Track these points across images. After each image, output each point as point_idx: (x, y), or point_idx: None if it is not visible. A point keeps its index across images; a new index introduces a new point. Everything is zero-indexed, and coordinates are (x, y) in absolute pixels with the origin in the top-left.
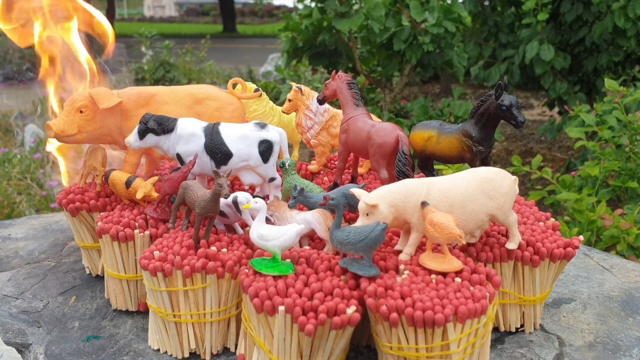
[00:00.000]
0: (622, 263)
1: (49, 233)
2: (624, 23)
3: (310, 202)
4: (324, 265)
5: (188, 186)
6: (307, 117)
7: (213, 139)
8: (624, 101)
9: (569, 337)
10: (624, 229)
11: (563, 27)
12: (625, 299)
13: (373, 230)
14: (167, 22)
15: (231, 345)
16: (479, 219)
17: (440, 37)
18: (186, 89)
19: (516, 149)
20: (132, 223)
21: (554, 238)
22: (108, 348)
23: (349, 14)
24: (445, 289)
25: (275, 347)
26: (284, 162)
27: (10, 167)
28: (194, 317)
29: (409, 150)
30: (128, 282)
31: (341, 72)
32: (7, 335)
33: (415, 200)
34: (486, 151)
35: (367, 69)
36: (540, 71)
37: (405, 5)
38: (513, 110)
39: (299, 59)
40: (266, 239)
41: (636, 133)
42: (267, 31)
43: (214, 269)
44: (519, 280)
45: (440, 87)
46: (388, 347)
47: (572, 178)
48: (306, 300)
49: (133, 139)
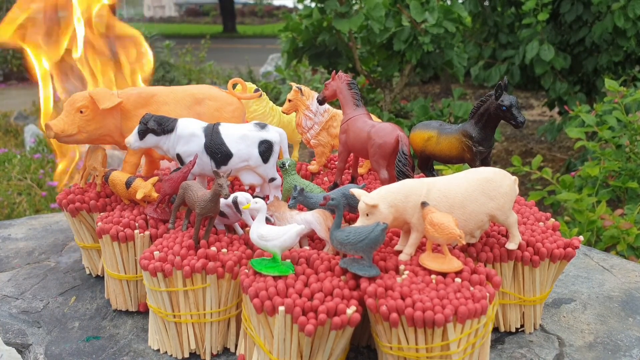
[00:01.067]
0: (622, 263)
1: (49, 233)
2: (623, 23)
3: (310, 203)
4: (324, 266)
5: (188, 186)
6: (307, 118)
7: (213, 139)
8: (624, 101)
9: (569, 337)
10: (624, 229)
11: (563, 27)
12: (625, 299)
13: (373, 231)
14: (167, 23)
15: (231, 346)
16: (479, 219)
17: (440, 38)
18: (186, 89)
19: (516, 149)
20: (132, 223)
21: (554, 238)
22: (108, 348)
23: (349, 14)
24: (445, 289)
25: (275, 348)
26: (284, 162)
27: (10, 167)
28: (194, 318)
29: (409, 151)
30: (128, 283)
31: (341, 72)
32: (7, 335)
33: (415, 201)
34: (486, 151)
35: (367, 69)
36: (540, 71)
37: (405, 6)
38: (513, 111)
39: (299, 59)
40: (266, 239)
41: (636, 133)
42: (267, 31)
43: (214, 269)
44: (519, 280)
45: (440, 87)
46: (388, 347)
47: (572, 178)
48: (306, 301)
49: (133, 139)
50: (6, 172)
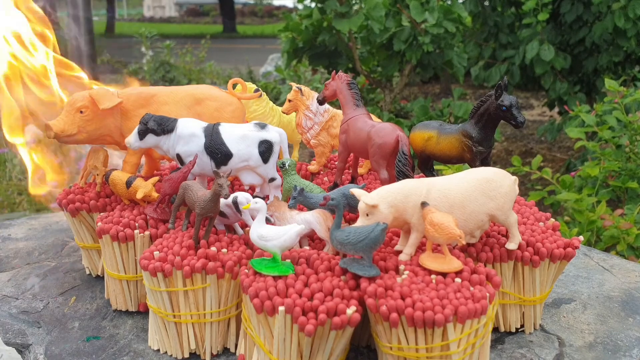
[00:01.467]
0: (622, 263)
1: (49, 233)
2: (624, 23)
3: (310, 203)
4: (324, 266)
5: (188, 186)
6: (307, 118)
7: (213, 139)
8: (624, 101)
9: (569, 337)
10: (624, 229)
11: (563, 27)
12: (625, 299)
13: (373, 231)
14: (167, 23)
15: (231, 346)
16: (478, 219)
17: (440, 38)
18: (186, 89)
19: (516, 149)
20: (132, 223)
21: (554, 238)
22: (108, 348)
23: (349, 15)
24: (445, 289)
25: (275, 348)
26: (284, 162)
27: (10, 167)
28: (194, 318)
29: (409, 151)
30: (128, 283)
31: (341, 72)
32: (7, 335)
33: (415, 201)
34: (486, 151)
35: (367, 69)
36: (541, 71)
37: (405, 6)
38: (513, 111)
39: (299, 59)
40: (266, 239)
41: (636, 133)
42: (267, 31)
43: (214, 269)
44: (519, 280)
45: (440, 87)
46: (388, 347)
47: (572, 178)
48: (306, 301)
49: (133, 140)
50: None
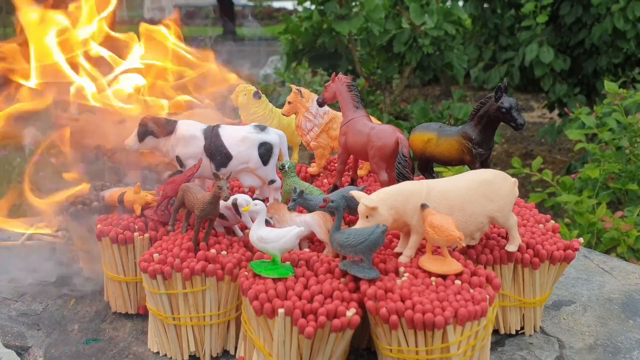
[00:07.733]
0: (623, 265)
1: None
2: (623, 25)
3: (310, 205)
4: (323, 268)
5: (188, 189)
6: (307, 120)
7: (213, 142)
8: (624, 103)
9: (569, 339)
10: (624, 231)
11: (563, 29)
12: (626, 301)
13: (373, 233)
14: None
15: (231, 348)
16: (478, 221)
17: (440, 40)
18: None
19: (516, 151)
20: (132, 226)
21: (554, 240)
22: (108, 351)
23: (349, 17)
24: (445, 291)
25: (275, 350)
26: (283, 164)
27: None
28: (194, 320)
29: (408, 153)
30: (127, 285)
31: (341, 74)
32: (6, 338)
33: (415, 203)
34: (486, 153)
35: (367, 72)
36: (540, 73)
37: (405, 8)
38: (513, 113)
39: (299, 61)
40: (266, 241)
41: (636, 135)
42: (267, 34)
43: (213, 272)
44: (519, 282)
45: (440, 89)
46: (388, 349)
47: (572, 180)
48: (306, 303)
49: (132, 142)
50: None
